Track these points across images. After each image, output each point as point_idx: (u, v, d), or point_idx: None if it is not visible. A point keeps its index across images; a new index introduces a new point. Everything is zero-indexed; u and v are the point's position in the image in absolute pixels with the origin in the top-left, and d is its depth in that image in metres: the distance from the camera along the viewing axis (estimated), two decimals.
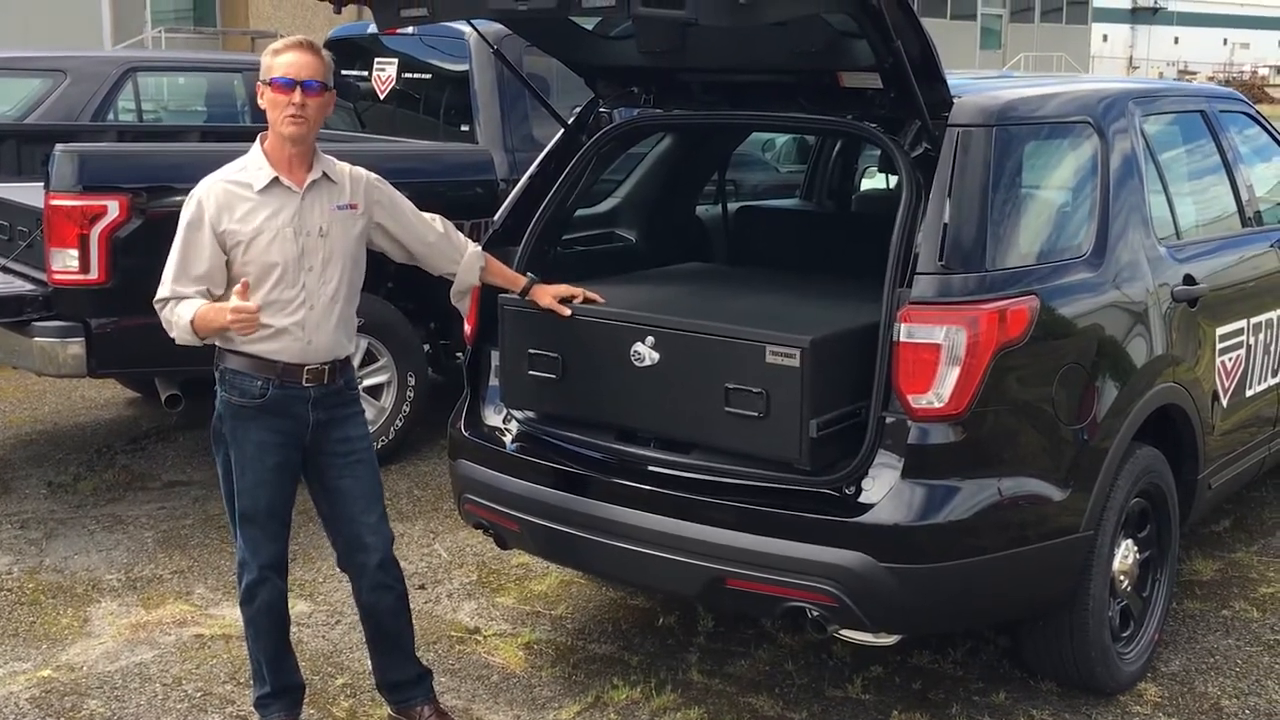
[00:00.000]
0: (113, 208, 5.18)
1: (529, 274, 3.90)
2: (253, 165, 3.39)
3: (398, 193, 3.65)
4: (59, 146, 5.24)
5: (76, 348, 5.24)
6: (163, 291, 3.37)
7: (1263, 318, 4.65)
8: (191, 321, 3.30)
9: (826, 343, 3.39)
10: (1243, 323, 4.51)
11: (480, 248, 3.82)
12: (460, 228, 6.24)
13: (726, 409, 3.46)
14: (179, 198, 3.50)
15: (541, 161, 4.35)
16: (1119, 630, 3.94)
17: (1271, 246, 4.85)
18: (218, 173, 3.41)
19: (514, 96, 6.33)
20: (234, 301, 3.23)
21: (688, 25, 3.67)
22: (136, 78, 8.80)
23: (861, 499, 3.38)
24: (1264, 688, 4.04)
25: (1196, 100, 4.90)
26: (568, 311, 3.74)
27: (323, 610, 4.55)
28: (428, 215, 3.72)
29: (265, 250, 3.34)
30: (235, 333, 3.30)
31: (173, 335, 3.37)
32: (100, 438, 6.60)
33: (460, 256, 3.74)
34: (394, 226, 3.61)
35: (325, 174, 3.44)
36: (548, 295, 3.77)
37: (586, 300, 3.78)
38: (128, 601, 4.63)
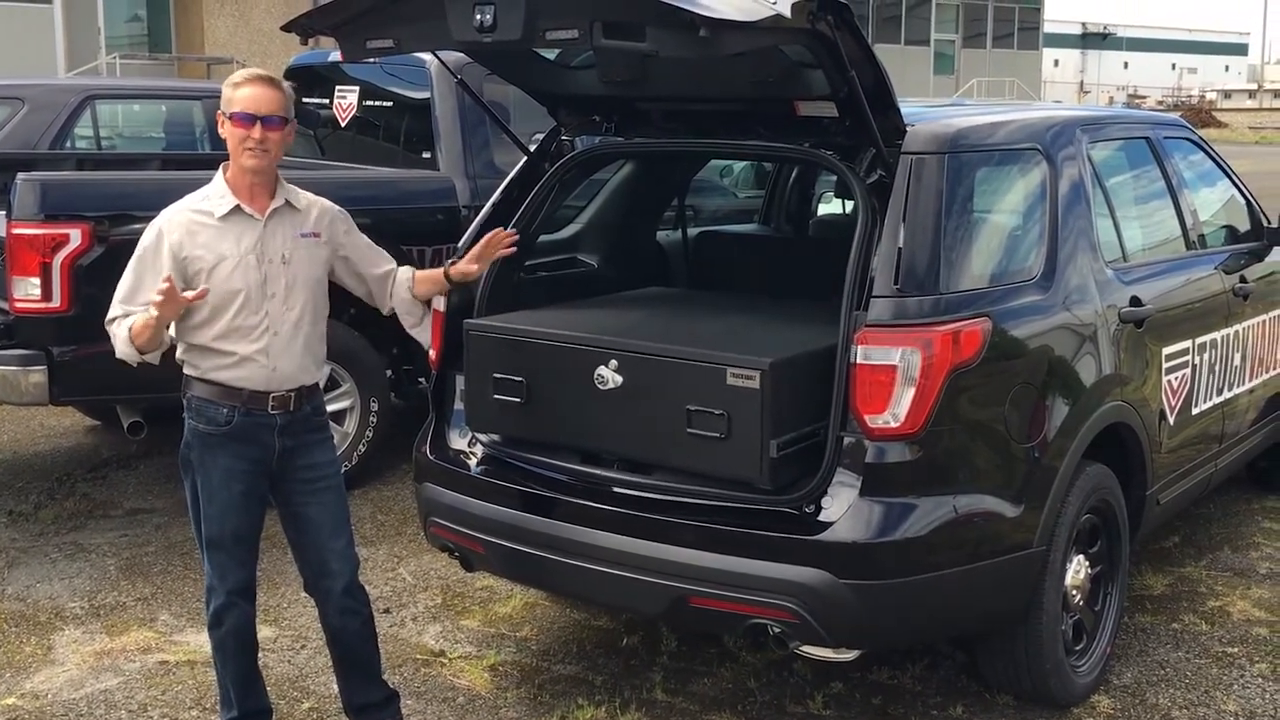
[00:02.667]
0: (75, 236, 5.18)
1: (447, 262, 3.96)
2: (214, 194, 3.43)
3: (356, 228, 3.70)
4: (21, 175, 5.24)
5: (39, 376, 5.24)
6: (111, 313, 3.41)
7: (1207, 338, 4.77)
8: (129, 329, 3.33)
9: (786, 365, 3.46)
10: (1188, 343, 4.62)
11: (407, 268, 3.83)
12: (423, 254, 6.36)
13: (689, 430, 3.53)
14: (141, 225, 3.52)
15: (505, 188, 4.41)
16: (1072, 644, 4.03)
17: (1215, 269, 4.98)
18: (179, 202, 3.45)
19: (475, 123, 6.38)
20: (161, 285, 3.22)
21: (648, 56, 3.75)
22: (95, 105, 8.78)
23: (821, 517, 3.45)
24: (1212, 699, 4.14)
25: (1142, 127, 5.03)
26: (474, 268, 3.84)
27: (288, 635, 4.57)
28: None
29: (228, 277, 3.38)
30: (156, 312, 3.22)
31: (116, 352, 3.40)
32: (60, 466, 6.57)
33: (394, 285, 3.77)
34: (356, 259, 3.66)
35: (288, 202, 3.49)
36: (463, 265, 3.85)
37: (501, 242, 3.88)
38: (91, 629, 4.63)
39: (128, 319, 3.37)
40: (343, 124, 7.10)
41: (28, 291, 5.18)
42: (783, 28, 3.19)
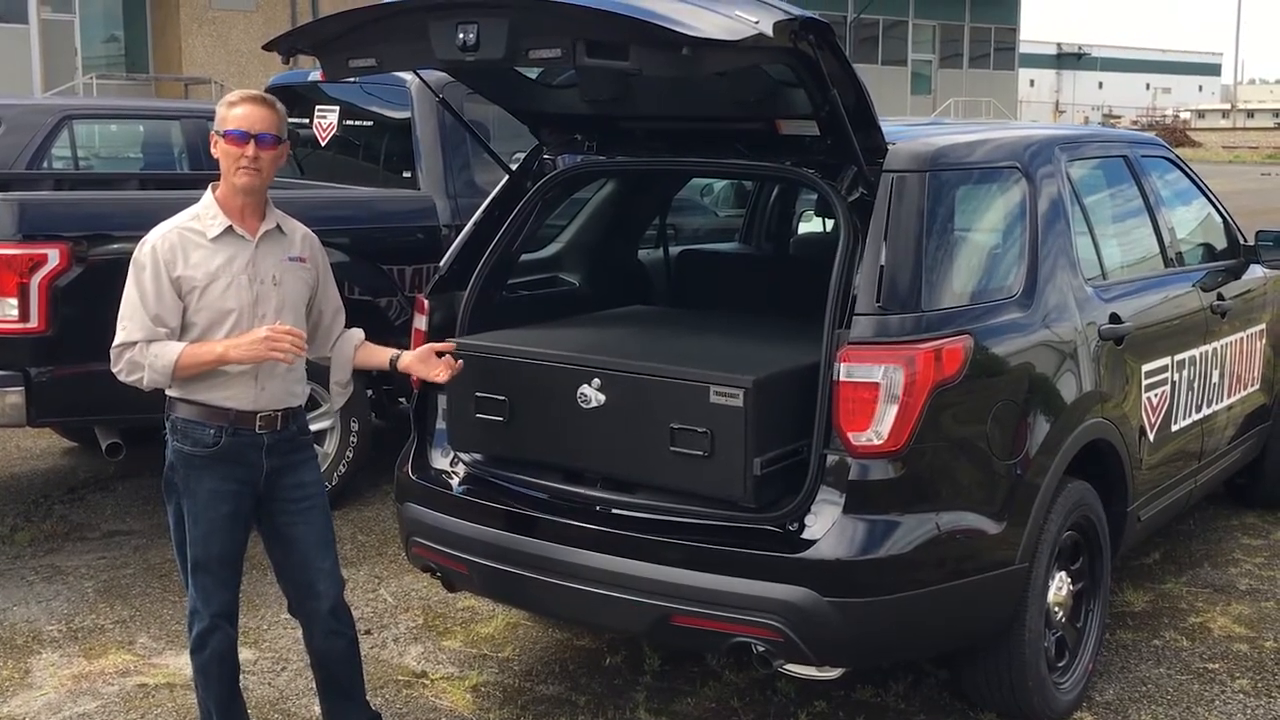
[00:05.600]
0: (53, 256, 5.15)
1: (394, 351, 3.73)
2: (205, 214, 3.41)
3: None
4: None
5: (16, 397, 5.19)
6: (125, 336, 3.32)
7: (1186, 355, 4.80)
8: (178, 359, 3.28)
9: (769, 383, 3.47)
10: (1167, 360, 4.65)
11: (359, 329, 3.73)
12: (403, 273, 6.34)
13: (672, 449, 3.53)
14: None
15: (487, 207, 4.41)
16: (1054, 660, 4.04)
17: (1194, 286, 5.02)
18: (169, 221, 3.42)
19: (456, 142, 6.38)
20: (263, 330, 3.26)
21: (631, 75, 3.76)
22: (72, 125, 8.75)
23: (805, 535, 3.45)
24: (1194, 714, 4.15)
25: (1119, 146, 5.07)
26: (440, 376, 3.64)
27: (268, 657, 4.54)
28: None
29: (221, 296, 3.36)
30: (279, 356, 3.28)
31: (133, 378, 3.33)
32: (37, 488, 6.52)
33: (340, 338, 3.69)
34: (321, 291, 3.63)
35: (278, 225, 3.49)
36: (413, 363, 3.65)
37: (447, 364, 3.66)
38: (69, 652, 4.58)
39: (163, 344, 3.30)
40: (323, 143, 7.09)
41: (5, 312, 5.13)
42: (765, 47, 3.21)
